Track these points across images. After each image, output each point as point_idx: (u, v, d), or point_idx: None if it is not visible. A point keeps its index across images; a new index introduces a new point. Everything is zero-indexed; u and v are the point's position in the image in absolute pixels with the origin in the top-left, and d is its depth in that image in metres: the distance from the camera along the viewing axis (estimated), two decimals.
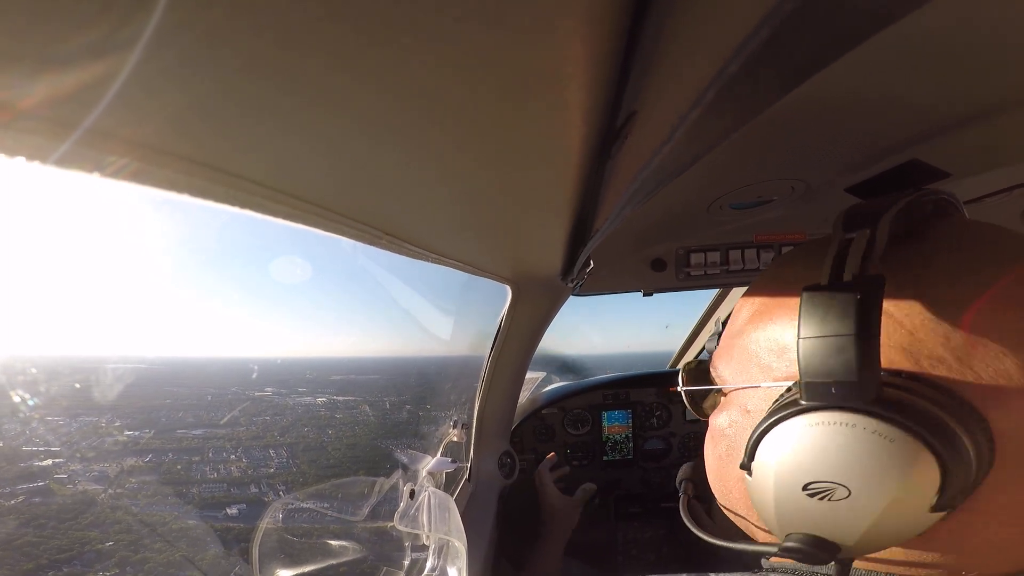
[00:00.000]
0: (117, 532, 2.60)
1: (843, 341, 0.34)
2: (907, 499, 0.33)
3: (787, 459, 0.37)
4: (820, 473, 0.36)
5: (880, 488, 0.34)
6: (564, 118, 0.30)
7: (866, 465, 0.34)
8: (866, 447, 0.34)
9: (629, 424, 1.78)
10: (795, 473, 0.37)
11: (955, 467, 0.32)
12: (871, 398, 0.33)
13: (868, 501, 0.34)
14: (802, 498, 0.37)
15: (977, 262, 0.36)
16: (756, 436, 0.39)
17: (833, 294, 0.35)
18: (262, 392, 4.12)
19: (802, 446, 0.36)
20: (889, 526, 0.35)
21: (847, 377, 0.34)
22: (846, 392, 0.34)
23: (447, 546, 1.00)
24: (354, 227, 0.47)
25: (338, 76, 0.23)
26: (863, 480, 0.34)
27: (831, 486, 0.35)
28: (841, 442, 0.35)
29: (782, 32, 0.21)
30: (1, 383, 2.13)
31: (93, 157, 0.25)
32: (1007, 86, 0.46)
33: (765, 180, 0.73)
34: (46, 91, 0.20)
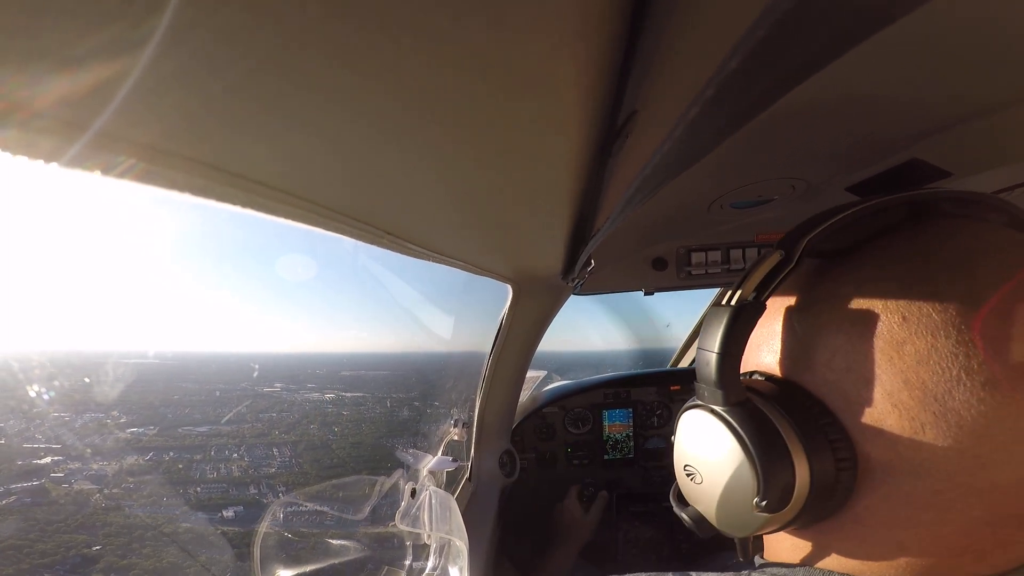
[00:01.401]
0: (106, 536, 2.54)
1: (712, 356, 0.39)
2: (734, 496, 0.39)
3: (680, 441, 0.46)
4: (690, 458, 0.44)
5: (715, 481, 0.41)
6: (565, 117, 0.31)
7: (708, 458, 0.41)
8: (711, 443, 0.41)
9: (630, 423, 1.77)
10: (682, 454, 0.45)
11: (772, 477, 0.36)
12: (725, 405, 0.39)
13: (710, 490, 0.42)
14: (684, 476, 0.45)
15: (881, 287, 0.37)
16: (675, 419, 0.47)
17: (717, 312, 0.40)
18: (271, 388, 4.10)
19: (686, 433, 0.44)
20: (730, 515, 0.41)
21: (712, 385, 0.40)
22: (711, 396, 0.40)
23: (448, 545, 1.00)
24: (356, 226, 0.47)
25: (341, 79, 0.24)
26: (706, 470, 0.42)
27: (694, 471, 0.43)
28: (701, 436, 0.42)
29: (782, 30, 0.21)
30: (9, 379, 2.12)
31: (104, 158, 0.25)
32: (1008, 84, 0.45)
33: (766, 179, 0.73)
34: (62, 90, 0.20)
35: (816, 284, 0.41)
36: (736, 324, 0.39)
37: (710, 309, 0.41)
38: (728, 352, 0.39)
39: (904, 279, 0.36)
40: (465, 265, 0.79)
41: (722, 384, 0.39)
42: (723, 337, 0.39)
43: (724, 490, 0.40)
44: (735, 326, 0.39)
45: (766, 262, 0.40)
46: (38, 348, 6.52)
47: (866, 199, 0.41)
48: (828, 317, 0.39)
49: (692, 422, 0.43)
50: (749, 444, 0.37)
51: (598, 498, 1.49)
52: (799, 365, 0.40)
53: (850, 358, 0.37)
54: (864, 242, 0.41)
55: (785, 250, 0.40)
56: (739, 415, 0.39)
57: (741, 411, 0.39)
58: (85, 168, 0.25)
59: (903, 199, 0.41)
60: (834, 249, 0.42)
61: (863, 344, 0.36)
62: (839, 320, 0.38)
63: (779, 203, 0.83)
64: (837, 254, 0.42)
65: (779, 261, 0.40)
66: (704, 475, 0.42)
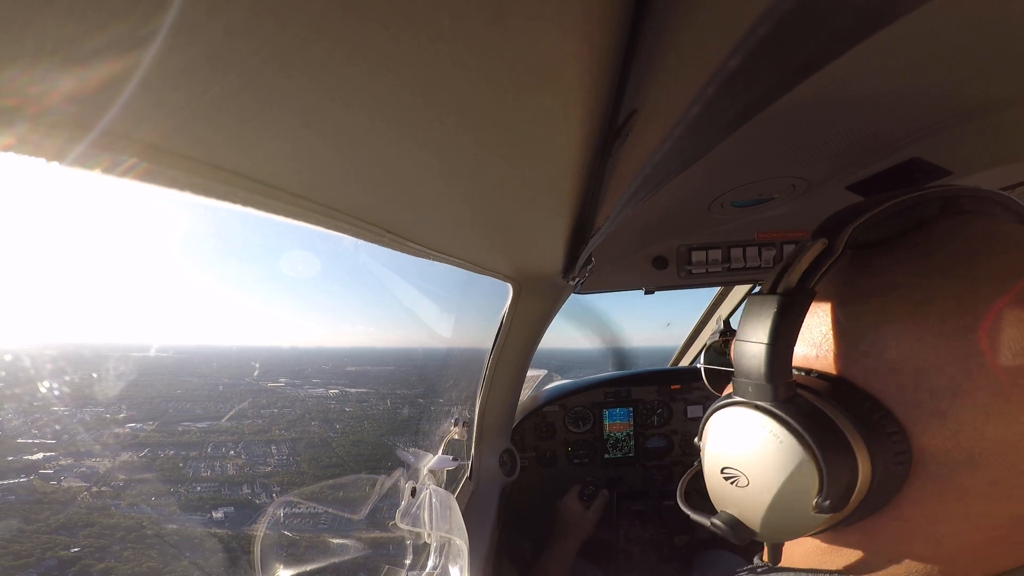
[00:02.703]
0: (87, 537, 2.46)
1: (759, 347, 0.37)
2: (791, 497, 0.37)
3: (714, 443, 0.43)
4: (731, 460, 0.41)
5: (768, 483, 0.38)
6: (565, 116, 0.31)
7: (760, 459, 0.38)
8: (762, 443, 0.38)
9: (630, 422, 1.78)
10: (717, 456, 0.42)
11: (836, 475, 0.34)
12: (778, 400, 0.37)
13: (760, 492, 0.38)
14: (720, 479, 0.42)
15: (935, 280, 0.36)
16: (704, 418, 0.44)
17: (763, 302, 0.38)
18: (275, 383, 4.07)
19: (724, 434, 0.41)
20: (782, 518, 0.38)
21: (759, 380, 0.37)
22: (758, 392, 0.38)
23: (448, 544, 1.00)
24: (357, 225, 0.47)
25: (342, 79, 0.24)
26: (757, 473, 0.38)
27: (737, 473, 0.40)
28: (747, 435, 0.39)
29: (783, 29, 0.21)
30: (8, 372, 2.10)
31: (109, 156, 0.25)
32: (1007, 84, 0.45)
33: (766, 178, 0.73)
34: (70, 88, 0.20)
35: (859, 275, 0.40)
36: (788, 313, 0.37)
37: (751, 299, 0.39)
38: (779, 343, 0.37)
39: (958, 268, 0.36)
40: (465, 264, 0.79)
41: (772, 378, 0.36)
42: (773, 327, 0.36)
43: (779, 492, 0.37)
44: (787, 315, 0.36)
45: (811, 250, 0.38)
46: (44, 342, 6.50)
47: (906, 191, 0.41)
48: (879, 308, 0.37)
49: (734, 421, 0.40)
50: (811, 441, 0.35)
51: (599, 496, 1.49)
52: (845, 358, 0.38)
53: (907, 349, 0.35)
54: (900, 234, 0.40)
55: (828, 239, 0.39)
56: (794, 411, 0.36)
57: (795, 407, 0.36)
58: (92, 166, 0.25)
59: (937, 193, 0.40)
60: (869, 241, 0.41)
61: (923, 333, 0.35)
62: (893, 311, 0.36)
63: (779, 202, 0.83)
64: (872, 245, 0.41)
65: (823, 250, 0.38)
66: (752, 477, 0.39)
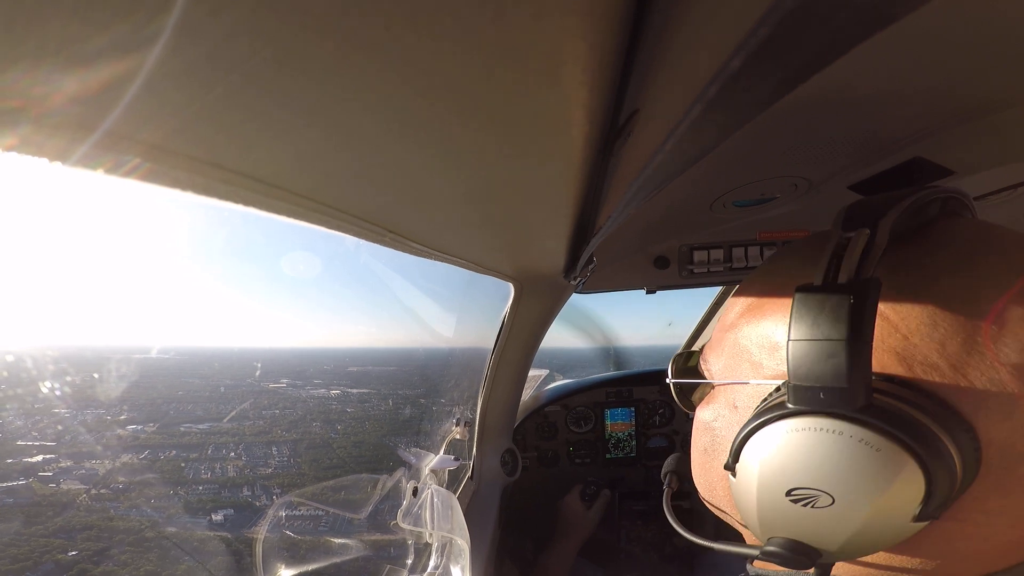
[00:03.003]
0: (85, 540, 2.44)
1: (834, 346, 0.33)
2: (890, 509, 0.33)
3: (771, 463, 0.36)
4: (804, 480, 0.35)
5: (864, 497, 0.33)
6: (567, 116, 0.31)
7: (851, 474, 0.33)
8: (852, 455, 0.33)
9: (632, 422, 1.78)
10: (779, 478, 0.36)
11: (940, 478, 0.31)
12: (859, 405, 0.33)
13: (851, 510, 0.34)
14: (785, 503, 0.36)
15: (982, 269, 0.35)
16: (741, 437, 0.38)
17: (826, 296, 0.34)
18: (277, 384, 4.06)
19: (787, 451, 0.36)
20: (871, 534, 0.34)
21: (836, 383, 0.33)
22: (834, 398, 0.33)
23: (450, 544, 1.00)
24: (359, 224, 0.47)
25: (344, 78, 0.24)
26: (847, 489, 0.34)
27: (815, 493, 0.35)
28: (827, 449, 0.34)
29: (785, 29, 0.21)
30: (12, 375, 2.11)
31: (113, 157, 0.25)
32: (1010, 84, 0.45)
33: (768, 177, 0.73)
34: (73, 88, 0.20)
35: (900, 267, 0.37)
36: (864, 305, 0.32)
37: (801, 296, 0.35)
38: (860, 340, 0.32)
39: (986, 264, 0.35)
40: (467, 264, 0.79)
41: (853, 380, 0.32)
42: (853, 321, 0.32)
43: (878, 504, 0.33)
44: (863, 307, 0.32)
45: (858, 240, 0.35)
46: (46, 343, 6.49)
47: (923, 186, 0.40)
48: (931, 301, 0.35)
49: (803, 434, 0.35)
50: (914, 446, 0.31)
51: (600, 496, 1.49)
52: (898, 356, 0.35)
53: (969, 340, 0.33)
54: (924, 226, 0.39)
55: (868, 228, 0.36)
56: (887, 416, 0.32)
57: (884, 411, 0.33)
58: (95, 167, 0.25)
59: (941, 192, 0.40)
60: (899, 232, 0.38)
61: (977, 324, 0.33)
62: (947, 303, 0.34)
63: (781, 201, 0.83)
64: (901, 237, 0.39)
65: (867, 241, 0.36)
66: (839, 493, 0.34)
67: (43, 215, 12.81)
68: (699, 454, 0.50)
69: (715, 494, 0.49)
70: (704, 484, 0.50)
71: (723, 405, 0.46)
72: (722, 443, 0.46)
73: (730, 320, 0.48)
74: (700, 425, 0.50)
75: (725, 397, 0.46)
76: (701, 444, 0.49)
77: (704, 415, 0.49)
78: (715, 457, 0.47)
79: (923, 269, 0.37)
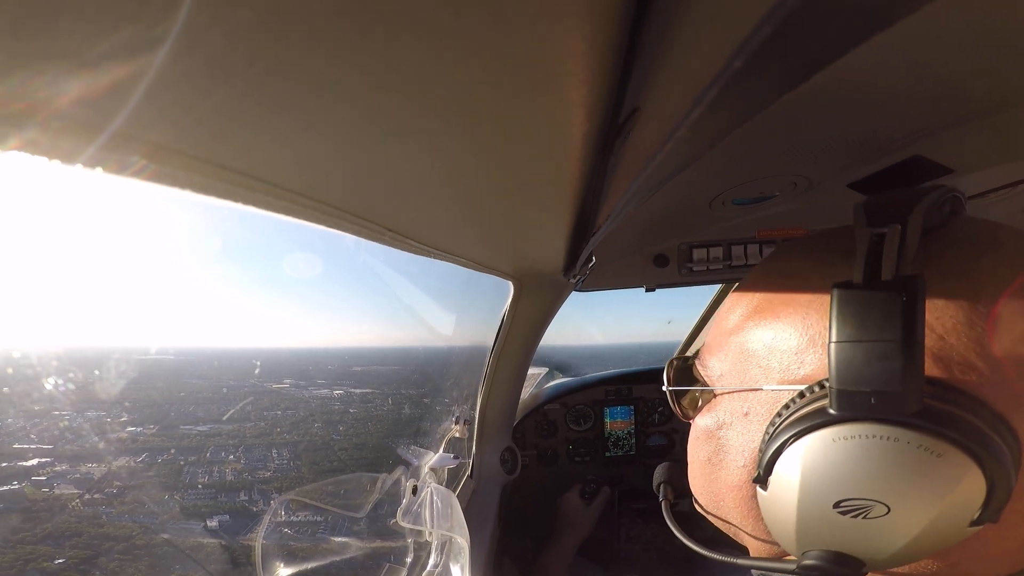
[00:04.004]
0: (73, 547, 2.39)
1: (886, 347, 0.31)
2: (950, 515, 0.32)
3: (816, 474, 0.34)
4: (855, 490, 0.33)
5: (924, 505, 0.32)
6: (566, 114, 0.31)
7: (910, 481, 0.32)
8: (910, 462, 0.31)
9: (631, 420, 1.78)
10: (825, 489, 0.34)
11: (1000, 480, 0.30)
12: (915, 410, 0.31)
13: (909, 518, 0.32)
14: (831, 515, 0.34)
15: (1016, 264, 0.34)
16: (776, 448, 0.36)
17: (873, 295, 0.32)
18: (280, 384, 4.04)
19: (835, 461, 0.33)
20: (925, 542, 0.33)
21: (888, 387, 0.31)
22: (887, 403, 0.31)
23: (450, 542, 1.01)
24: (358, 223, 0.47)
25: (345, 78, 0.24)
26: (906, 497, 0.32)
27: (868, 503, 0.33)
28: (882, 457, 0.32)
29: (785, 28, 0.21)
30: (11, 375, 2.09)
31: (119, 159, 0.26)
32: (1010, 81, 0.45)
33: (767, 176, 0.73)
34: (80, 91, 0.20)
35: (926, 264, 0.35)
36: (917, 303, 0.31)
37: (841, 293, 0.33)
38: (916, 341, 0.30)
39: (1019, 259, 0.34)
40: (466, 262, 0.79)
41: (907, 383, 0.30)
42: (906, 321, 0.30)
43: (938, 512, 0.31)
44: (916, 306, 0.30)
45: (893, 236, 0.33)
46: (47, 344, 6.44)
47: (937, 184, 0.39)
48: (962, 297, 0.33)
49: (851, 442, 0.33)
50: (975, 449, 0.30)
51: (600, 494, 1.49)
52: (935, 358, 0.33)
53: (1004, 338, 0.32)
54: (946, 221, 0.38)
55: (901, 224, 0.34)
56: (943, 421, 0.31)
57: (940, 416, 0.31)
58: (101, 167, 0.25)
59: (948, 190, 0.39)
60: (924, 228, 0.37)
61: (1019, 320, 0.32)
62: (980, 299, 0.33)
63: (780, 200, 0.83)
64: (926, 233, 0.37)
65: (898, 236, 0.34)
66: (895, 503, 0.32)
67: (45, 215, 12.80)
68: (701, 464, 0.47)
69: (722, 506, 0.46)
70: (708, 495, 0.48)
71: (729, 412, 0.44)
72: (732, 453, 0.43)
73: (733, 323, 0.46)
74: (701, 433, 0.47)
75: (731, 404, 0.44)
76: (703, 454, 0.47)
77: (706, 422, 0.47)
78: (722, 467, 0.45)
79: (954, 265, 0.35)
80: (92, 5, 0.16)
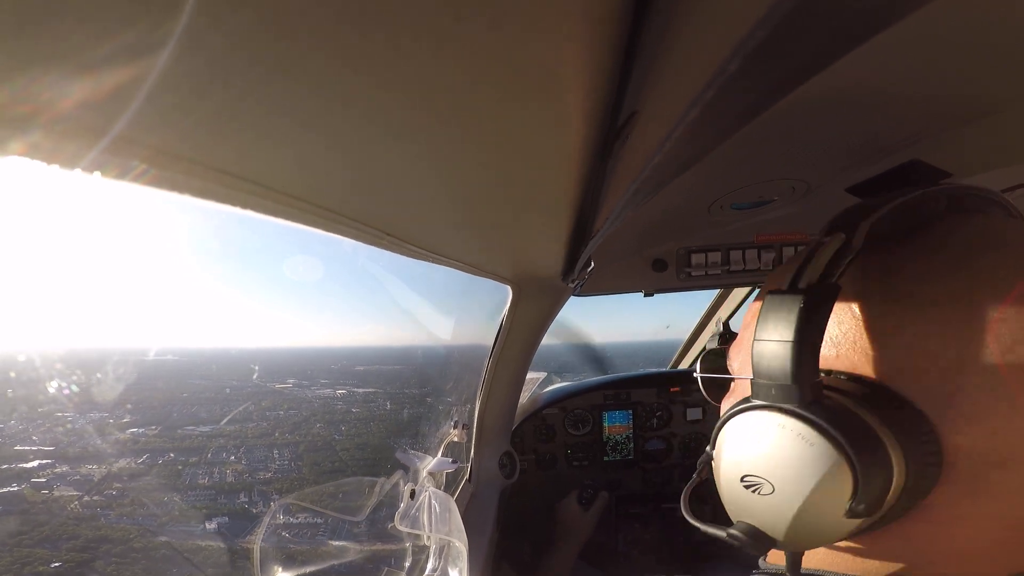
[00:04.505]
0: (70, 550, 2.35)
1: (783, 347, 0.35)
2: (822, 502, 0.35)
3: (732, 450, 0.40)
4: (752, 467, 0.38)
5: (796, 488, 0.35)
6: (565, 118, 0.31)
7: (787, 465, 0.36)
8: (789, 447, 0.36)
9: (630, 424, 1.77)
10: (736, 464, 0.39)
11: (870, 477, 0.33)
12: (803, 402, 0.35)
13: (787, 499, 0.36)
14: (740, 489, 0.39)
15: (968, 274, 0.36)
16: (718, 426, 0.42)
17: (783, 300, 0.36)
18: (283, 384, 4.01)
19: (743, 440, 0.39)
20: (810, 525, 0.36)
21: (784, 380, 0.36)
22: (783, 394, 0.36)
23: (448, 546, 1.00)
24: (357, 228, 0.47)
25: (344, 84, 0.24)
26: (784, 479, 0.36)
27: (760, 480, 0.38)
28: (771, 440, 0.37)
29: (782, 32, 0.21)
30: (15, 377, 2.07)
31: (120, 162, 0.26)
32: (1008, 86, 0.46)
33: (765, 180, 0.73)
34: (82, 94, 0.20)
35: (877, 271, 0.39)
36: (815, 309, 0.35)
37: (769, 297, 0.38)
38: (806, 342, 0.35)
39: (984, 260, 0.35)
40: (465, 266, 0.79)
41: (799, 378, 0.35)
42: (800, 325, 0.35)
43: (809, 497, 0.35)
44: (814, 311, 0.35)
45: (830, 245, 0.37)
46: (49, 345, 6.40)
47: (915, 188, 0.40)
48: (905, 304, 0.36)
49: (756, 426, 0.38)
50: (844, 442, 0.33)
51: (598, 498, 1.49)
52: (867, 357, 0.37)
53: (937, 346, 0.34)
54: (912, 230, 0.40)
55: (846, 233, 0.38)
56: (823, 412, 0.34)
57: (825, 409, 0.35)
58: (103, 171, 0.25)
59: (951, 190, 0.41)
60: (880, 237, 0.40)
61: (953, 330, 0.34)
62: (920, 307, 0.36)
63: (779, 204, 0.83)
64: (882, 242, 0.40)
65: (841, 245, 0.37)
66: (778, 483, 0.37)
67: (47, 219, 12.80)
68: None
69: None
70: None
71: (736, 399, 0.48)
72: None
73: (746, 320, 0.51)
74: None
75: (741, 392, 0.50)
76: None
77: (723, 407, 0.52)
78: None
79: (898, 272, 0.38)
80: (94, 10, 0.16)
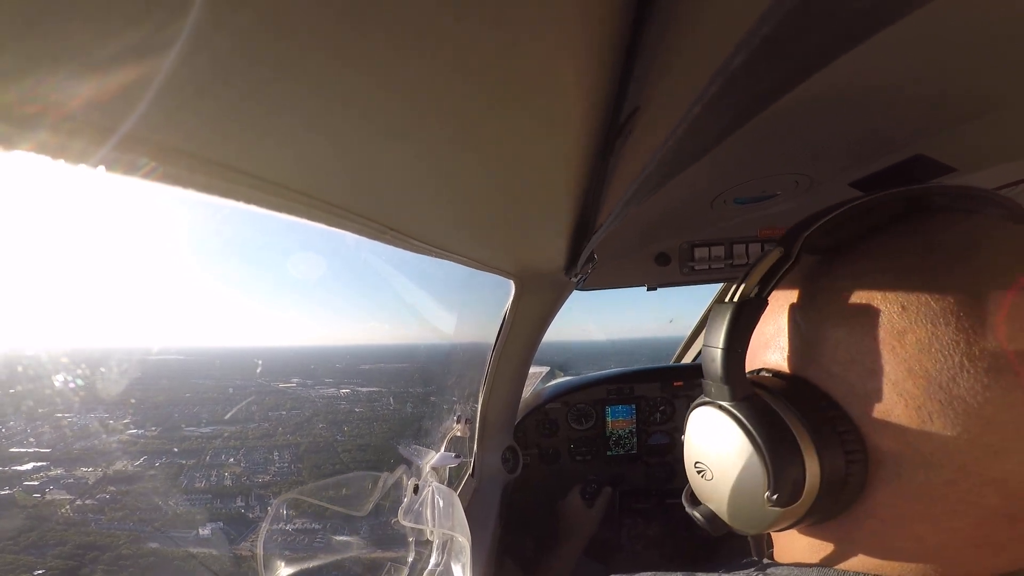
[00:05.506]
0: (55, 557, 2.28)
1: (718, 352, 0.40)
2: (746, 490, 0.39)
3: (689, 440, 0.46)
4: (700, 455, 0.44)
5: (727, 476, 0.41)
6: (567, 115, 0.31)
7: (718, 454, 0.41)
8: (720, 439, 0.41)
9: (633, 419, 1.78)
10: (692, 452, 0.45)
11: (781, 470, 0.37)
12: (731, 399, 0.40)
13: (722, 486, 0.41)
14: (695, 474, 0.45)
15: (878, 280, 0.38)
16: (686, 416, 0.47)
17: (719, 309, 0.42)
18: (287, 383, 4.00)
19: (695, 431, 0.45)
20: (743, 511, 0.41)
21: (719, 380, 0.41)
22: (719, 391, 0.41)
23: (451, 541, 1.01)
24: (360, 223, 0.47)
25: (348, 81, 0.24)
26: (718, 467, 0.42)
27: (704, 467, 0.44)
28: (709, 432, 0.42)
29: (786, 27, 0.21)
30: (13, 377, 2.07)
31: (127, 160, 0.26)
32: (1013, 80, 0.45)
33: (769, 175, 0.73)
34: (90, 94, 0.20)
35: (816, 279, 0.42)
36: (739, 320, 0.40)
37: (715, 306, 0.42)
38: (732, 348, 0.40)
39: (903, 270, 0.37)
40: (468, 261, 0.79)
41: (728, 379, 0.40)
42: (727, 333, 0.40)
43: (735, 485, 0.40)
44: (738, 322, 0.40)
45: (767, 259, 0.41)
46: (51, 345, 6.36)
47: (860, 196, 0.42)
48: (830, 311, 0.39)
49: (701, 419, 0.44)
50: (757, 437, 0.38)
51: (602, 493, 1.49)
52: (804, 360, 0.40)
53: (853, 350, 0.37)
54: (862, 237, 0.42)
55: (785, 247, 0.41)
56: (746, 410, 0.39)
57: (748, 406, 0.39)
58: (110, 169, 0.26)
59: (898, 194, 0.41)
60: (833, 244, 0.43)
61: (865, 335, 0.36)
62: (841, 313, 0.38)
63: (782, 199, 0.83)
64: (836, 249, 0.43)
65: (779, 258, 0.41)
66: (715, 471, 0.42)
67: (55, 216, 12.79)
68: None
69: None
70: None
71: None
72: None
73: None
74: None
75: None
76: None
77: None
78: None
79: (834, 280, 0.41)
80: (101, 10, 0.16)
